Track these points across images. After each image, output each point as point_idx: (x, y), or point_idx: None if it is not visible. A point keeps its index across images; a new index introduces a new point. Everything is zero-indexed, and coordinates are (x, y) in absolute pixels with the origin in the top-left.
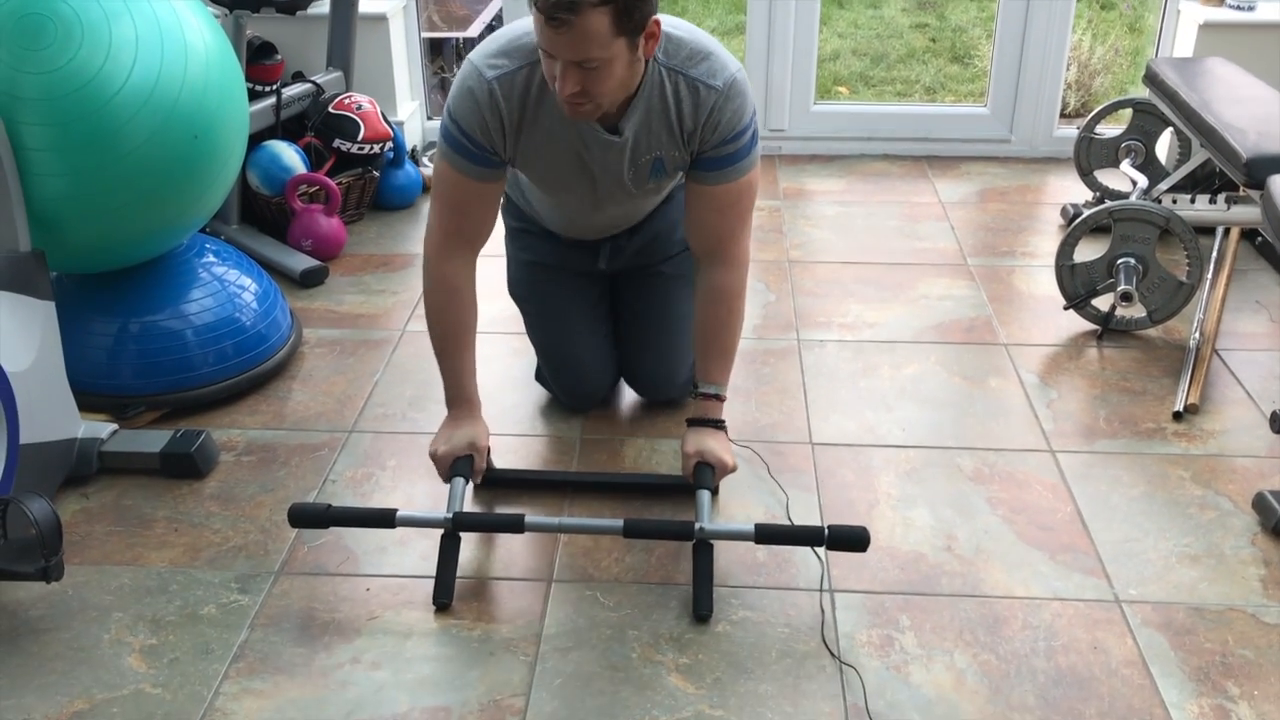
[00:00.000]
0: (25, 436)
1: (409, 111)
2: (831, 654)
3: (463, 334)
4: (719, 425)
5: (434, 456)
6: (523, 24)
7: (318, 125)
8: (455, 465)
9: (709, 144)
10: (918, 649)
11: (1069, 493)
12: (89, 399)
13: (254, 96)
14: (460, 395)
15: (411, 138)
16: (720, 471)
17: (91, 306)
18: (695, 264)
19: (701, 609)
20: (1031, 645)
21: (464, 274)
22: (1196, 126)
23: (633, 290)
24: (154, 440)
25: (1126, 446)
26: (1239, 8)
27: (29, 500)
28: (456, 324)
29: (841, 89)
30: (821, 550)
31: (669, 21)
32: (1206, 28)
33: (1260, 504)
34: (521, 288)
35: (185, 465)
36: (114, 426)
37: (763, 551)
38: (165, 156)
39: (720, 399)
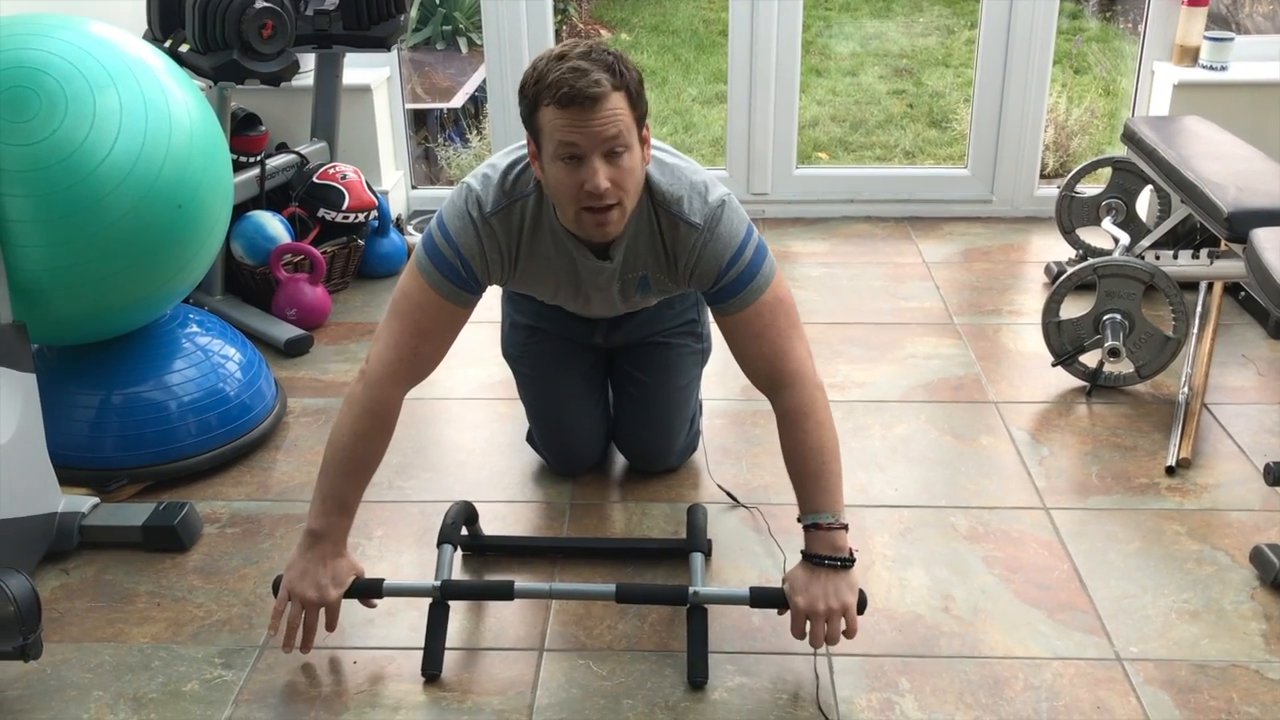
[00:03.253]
0: (4, 511)
1: (393, 181)
2: None
3: (372, 468)
4: (839, 564)
5: (285, 589)
6: (513, 158)
7: (302, 195)
8: (291, 609)
9: (706, 279)
10: (918, 713)
11: (1065, 550)
12: (70, 472)
13: (238, 167)
14: (338, 531)
15: (396, 207)
16: (848, 624)
17: (73, 378)
18: (768, 397)
19: (697, 676)
20: (1034, 707)
21: (398, 406)
22: (1176, 183)
23: (630, 359)
24: (136, 513)
25: (1120, 502)
26: (1211, 68)
27: (7, 577)
28: (372, 455)
29: (822, 155)
30: None
31: (653, 144)
32: (1181, 88)
33: (1258, 558)
34: (515, 348)
35: (168, 538)
36: (95, 500)
37: (758, 615)
38: (148, 227)
39: (834, 528)
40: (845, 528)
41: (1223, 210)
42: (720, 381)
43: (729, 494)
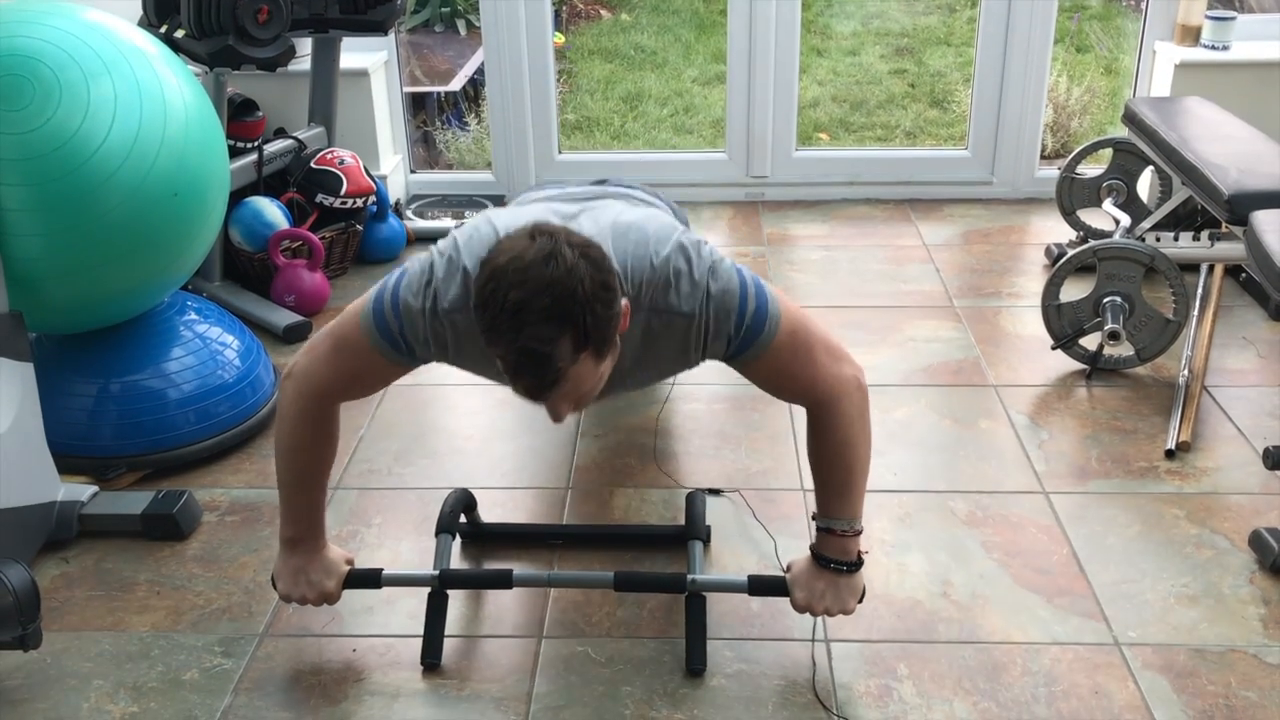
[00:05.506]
0: (3, 501)
1: (392, 165)
2: (825, 708)
3: (325, 473)
4: (842, 568)
5: (282, 594)
6: (487, 244)
7: (300, 181)
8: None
9: (719, 354)
10: (917, 698)
11: (1064, 534)
12: (69, 461)
13: (235, 153)
14: (313, 531)
15: (395, 192)
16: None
17: (71, 367)
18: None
19: (695, 663)
20: (1032, 692)
21: (335, 413)
22: (1177, 164)
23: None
24: (135, 502)
25: (1120, 486)
26: (1214, 47)
27: (5, 567)
28: (319, 464)
29: (822, 135)
30: None
31: (617, 229)
32: (1183, 68)
33: (1257, 542)
34: None
35: (167, 526)
36: (94, 488)
37: (756, 602)
38: (145, 215)
39: (847, 535)
40: (859, 533)
41: (1223, 192)
42: (721, 367)
43: (709, 489)
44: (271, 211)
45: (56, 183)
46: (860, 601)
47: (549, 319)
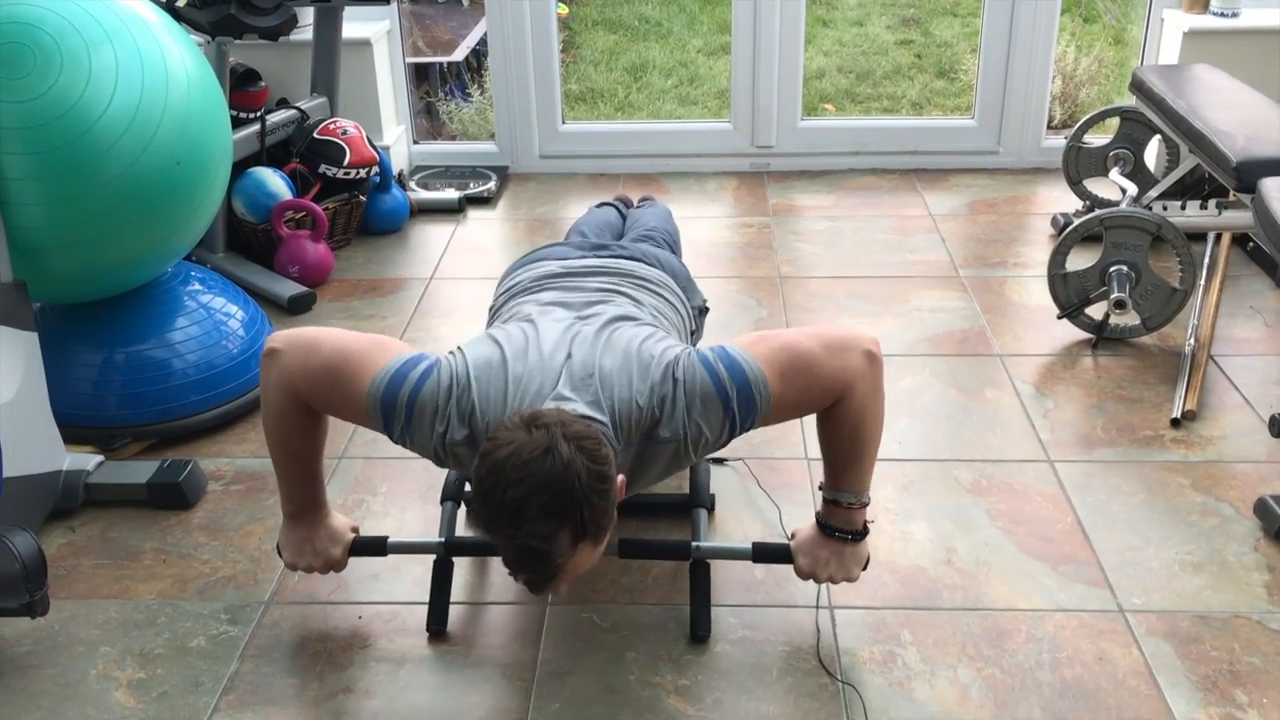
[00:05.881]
0: (8, 469)
1: (395, 136)
2: (829, 673)
3: (318, 452)
4: (848, 536)
5: (288, 564)
6: (499, 387)
7: (303, 151)
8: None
9: (724, 442)
10: (920, 664)
11: (1069, 503)
12: (74, 431)
13: (238, 123)
14: (315, 502)
15: (398, 162)
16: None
17: (76, 337)
18: None
19: (699, 630)
20: (1036, 658)
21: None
22: (1185, 132)
23: None
24: (141, 471)
25: (1125, 455)
26: (1223, 14)
27: (12, 534)
28: (310, 446)
29: (828, 106)
30: None
31: (603, 377)
32: (1191, 35)
33: (1262, 509)
34: None
35: (173, 495)
36: (100, 458)
37: (761, 569)
38: (147, 184)
39: (854, 507)
40: (866, 505)
41: (1231, 160)
42: (721, 338)
43: (714, 459)
44: (274, 182)
45: (58, 151)
46: (864, 569)
47: (547, 515)
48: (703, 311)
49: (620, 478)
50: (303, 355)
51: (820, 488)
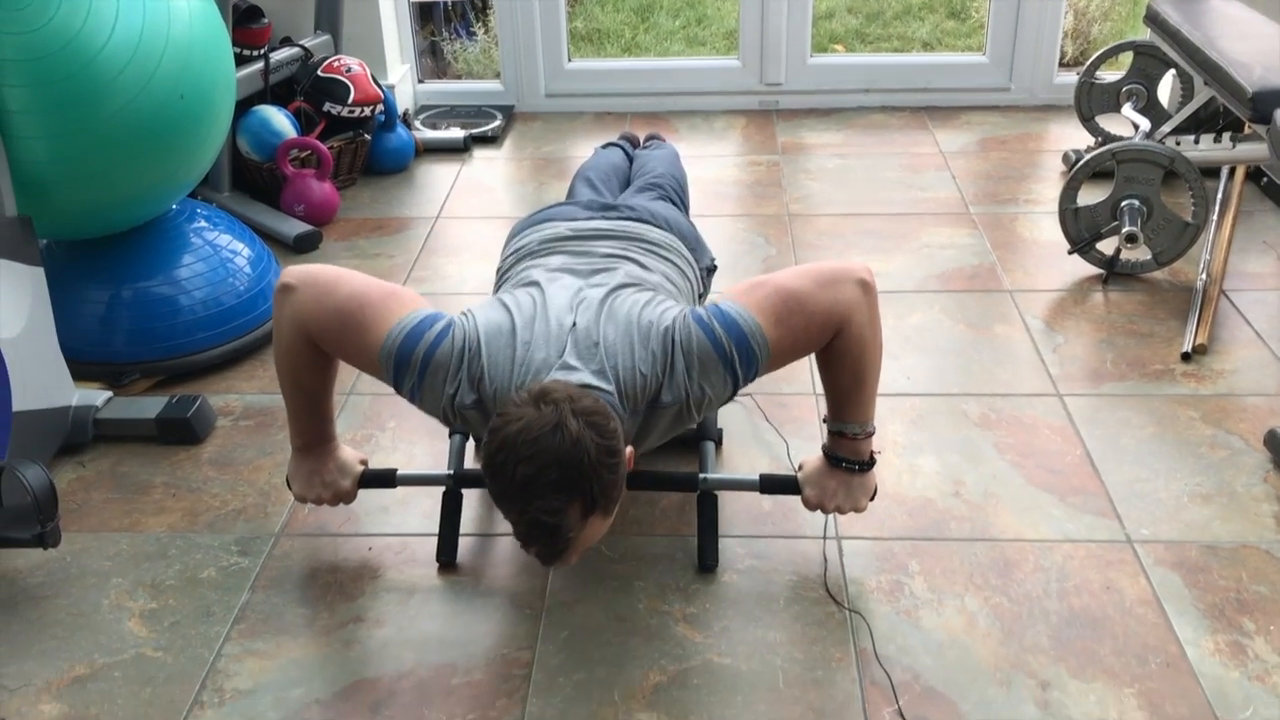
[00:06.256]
0: (18, 404)
1: (399, 75)
2: (836, 602)
3: (331, 380)
4: (854, 466)
5: (298, 497)
6: (507, 352)
7: (307, 89)
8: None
9: (726, 398)
10: (928, 593)
11: (1078, 435)
12: (83, 367)
13: (241, 61)
14: (324, 435)
15: (403, 102)
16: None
17: (82, 274)
18: None
19: (707, 559)
20: (1043, 587)
21: None
22: (1200, 64)
23: None
24: (150, 407)
25: (1134, 389)
26: None
27: (23, 466)
28: (326, 375)
29: (837, 46)
30: None
31: (607, 348)
32: None
33: (1272, 441)
34: None
35: (182, 430)
36: (109, 394)
37: (768, 501)
38: (150, 117)
39: (859, 438)
40: (871, 434)
41: (1246, 90)
42: (730, 276)
43: None
44: (279, 120)
45: (60, 84)
46: (872, 500)
47: (557, 490)
48: (710, 271)
49: (629, 449)
50: (317, 295)
51: (824, 420)
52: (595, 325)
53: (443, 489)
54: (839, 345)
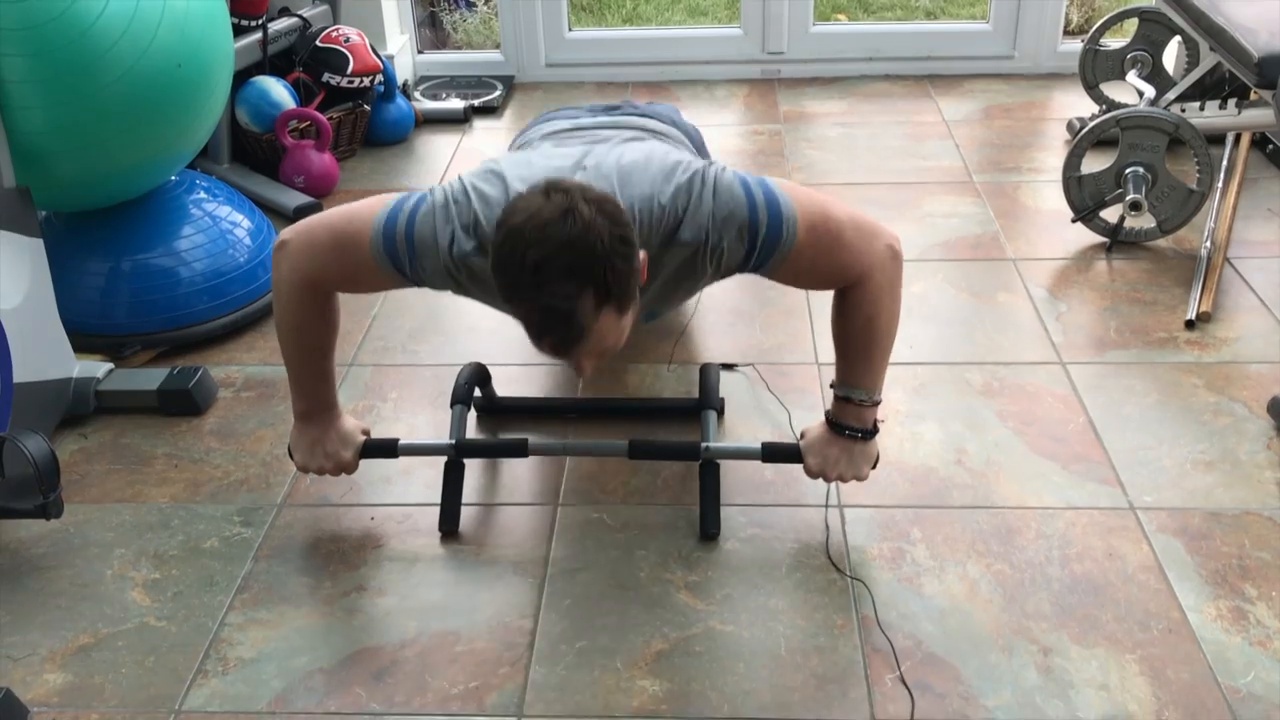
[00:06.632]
0: (19, 375)
1: (399, 45)
2: (838, 569)
3: (332, 343)
4: (857, 434)
5: (300, 467)
6: (516, 188)
7: (306, 60)
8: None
9: (737, 267)
10: (929, 560)
11: (1080, 403)
12: (84, 339)
13: (239, 31)
14: (326, 403)
15: (402, 73)
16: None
17: (82, 246)
18: None
19: (709, 527)
20: (1046, 554)
21: (336, 298)
22: (1205, 28)
23: None
24: (151, 378)
25: (1138, 356)
26: None
27: (24, 437)
28: (322, 342)
29: (840, 16)
30: None
31: (621, 174)
32: None
33: (1275, 408)
34: None
35: (183, 402)
36: (110, 366)
37: (770, 470)
38: (148, 86)
39: (865, 405)
40: (877, 404)
41: (1252, 55)
42: None
43: (723, 365)
44: (278, 91)
45: (57, 52)
46: (874, 468)
47: (570, 276)
48: None
49: (643, 254)
50: (308, 235)
51: (831, 386)
52: (610, 158)
53: (445, 459)
54: (855, 295)
